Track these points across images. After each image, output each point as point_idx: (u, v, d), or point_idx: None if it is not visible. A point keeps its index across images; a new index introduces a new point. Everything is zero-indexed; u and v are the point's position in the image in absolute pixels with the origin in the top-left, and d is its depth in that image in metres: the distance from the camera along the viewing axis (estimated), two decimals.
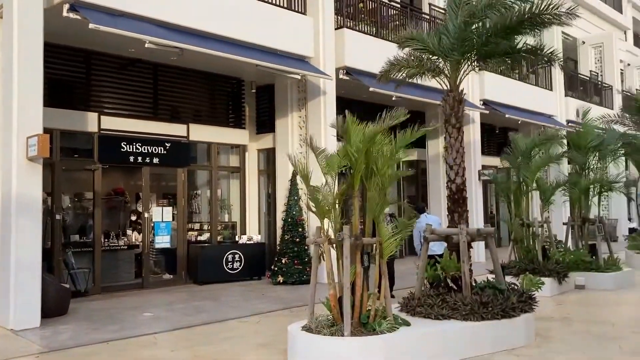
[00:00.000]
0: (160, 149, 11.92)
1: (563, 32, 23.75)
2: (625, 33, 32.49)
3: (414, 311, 6.89)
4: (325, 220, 6.38)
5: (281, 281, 11.81)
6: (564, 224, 13.09)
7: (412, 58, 8.50)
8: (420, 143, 18.84)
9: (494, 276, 7.72)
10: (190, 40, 10.33)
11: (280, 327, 7.18)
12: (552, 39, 22.08)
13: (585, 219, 12.49)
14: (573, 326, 7.91)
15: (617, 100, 26.01)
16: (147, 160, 11.72)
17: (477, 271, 10.64)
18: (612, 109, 24.43)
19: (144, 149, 11.68)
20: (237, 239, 13.15)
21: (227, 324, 8.38)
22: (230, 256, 12.38)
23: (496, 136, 20.89)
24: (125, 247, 12.02)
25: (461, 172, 7.56)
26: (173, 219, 12.52)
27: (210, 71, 13.20)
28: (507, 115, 17.80)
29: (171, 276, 12.39)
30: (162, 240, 12.16)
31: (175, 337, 7.56)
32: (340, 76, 13.28)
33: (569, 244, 12.62)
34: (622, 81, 29.37)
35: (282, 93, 13.40)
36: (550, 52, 8.18)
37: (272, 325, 8.15)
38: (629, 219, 26.00)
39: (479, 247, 15.87)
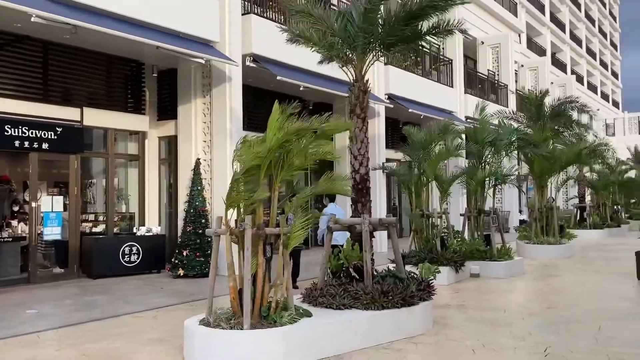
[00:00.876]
0: (51, 134, 11.06)
1: (456, 26, 24.69)
2: (519, 36, 34.51)
3: (316, 302, 6.81)
4: (230, 211, 6.13)
5: (182, 274, 11.39)
6: (461, 215, 13.62)
7: (322, 38, 8.38)
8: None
9: (395, 265, 7.81)
10: (85, 17, 9.63)
11: (178, 322, 6.85)
12: (453, 38, 22.97)
13: (480, 211, 13.05)
14: (468, 313, 8.19)
15: (512, 99, 27.57)
16: (36, 145, 10.83)
17: (379, 260, 10.87)
18: (507, 106, 25.85)
19: (32, 134, 10.79)
20: (135, 230, 12.52)
21: (121, 319, 7.91)
22: (127, 248, 11.76)
23: (400, 130, 21.41)
24: (10, 239, 11.09)
25: (365, 163, 7.57)
26: (65, 209, 11.69)
27: (107, 52, 12.44)
28: (410, 110, 18.28)
29: (62, 270, 11.58)
30: (52, 232, 11.33)
31: (62, 335, 7.01)
32: (247, 63, 12.99)
33: (466, 234, 13.15)
34: (516, 81, 31.19)
35: (186, 78, 12.90)
36: (447, 24, 8.31)
37: (169, 320, 7.79)
38: (520, 211, 27.71)
39: (381, 237, 16.19)
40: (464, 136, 14.92)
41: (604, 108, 54.12)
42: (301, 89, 14.00)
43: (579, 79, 46.62)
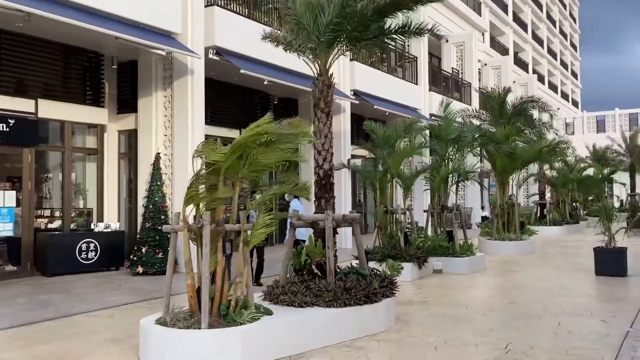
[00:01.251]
0: (2, 126, 10.61)
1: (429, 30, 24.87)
2: (483, 35, 34.97)
3: (277, 300, 6.68)
4: (189, 207, 5.93)
5: (141, 272, 11.09)
6: (424, 211, 13.66)
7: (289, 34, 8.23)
8: None
9: (358, 262, 7.73)
10: (39, 5, 9.25)
11: (135, 321, 6.60)
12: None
13: (444, 207, 13.11)
14: (431, 309, 8.19)
15: (475, 97, 27.90)
16: None
17: (344, 257, 10.78)
18: (470, 104, 26.13)
19: None
20: (92, 226, 12.13)
21: (75, 319, 7.63)
22: (84, 245, 11.39)
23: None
24: None
25: (329, 158, 7.47)
26: (18, 205, 11.24)
27: (64, 42, 12.02)
28: (375, 106, 18.27)
29: (15, 268, 11.13)
30: (4, 228, 10.88)
31: (11, 336, 6.70)
32: (210, 56, 12.73)
33: (429, 230, 13.20)
34: (479, 80, 31.59)
35: (146, 70, 12.57)
36: (418, 26, 8.28)
37: (126, 319, 7.54)
38: (482, 208, 28.10)
39: (346, 233, 16.16)
40: (428, 133, 14.98)
41: (564, 107, 55.43)
42: (265, 83, 13.82)
43: (540, 79, 47.59)
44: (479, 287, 10.48)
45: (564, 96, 59.28)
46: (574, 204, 28.41)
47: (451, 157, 13.19)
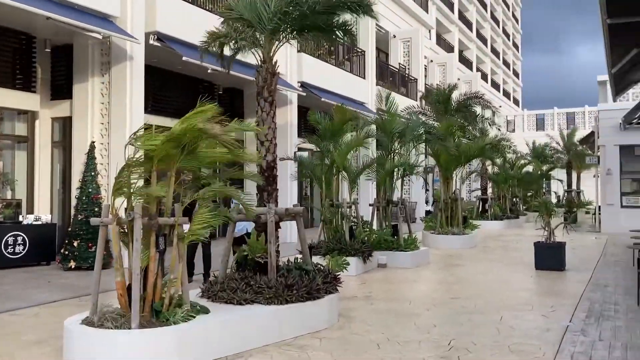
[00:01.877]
0: None
1: (377, 25, 24.94)
2: (429, 32, 35.37)
3: (215, 297, 6.38)
4: (120, 199, 5.55)
5: (73, 267, 10.52)
6: (370, 205, 13.59)
7: (233, 30, 7.89)
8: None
9: (302, 257, 7.51)
10: None
11: (62, 321, 6.14)
12: (367, 30, 23.05)
13: (389, 201, 13.07)
14: (374, 305, 8.07)
15: (421, 94, 28.16)
16: None
17: (289, 251, 10.57)
18: (416, 100, 26.36)
19: None
20: (21, 218, 11.42)
21: None
22: (10, 239, 10.69)
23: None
24: None
25: (272, 149, 7.20)
26: None
27: None
28: (323, 99, 18.06)
29: None
30: None
31: None
32: (151, 41, 12.19)
33: (374, 224, 13.13)
34: (425, 76, 31.94)
35: (82, 55, 11.90)
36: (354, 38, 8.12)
37: (53, 318, 7.04)
38: (426, 202, 28.45)
39: (291, 227, 15.94)
40: (374, 127, 14.91)
41: (505, 105, 56.95)
42: (209, 71, 13.36)
43: (484, 77, 48.69)
44: (423, 281, 10.47)
45: (506, 94, 60.94)
46: (514, 200, 29.20)
47: (397, 151, 13.14)
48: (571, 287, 9.52)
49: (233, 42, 7.85)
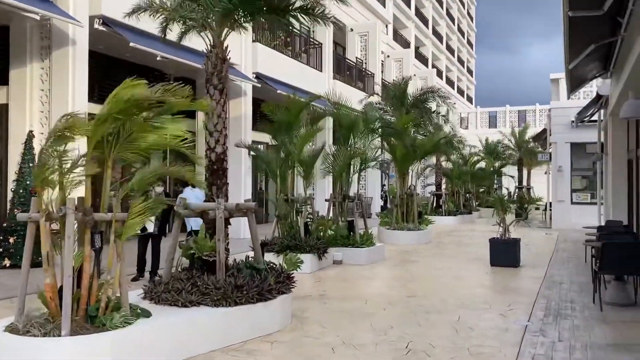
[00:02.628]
0: None
1: (334, 17, 24.59)
2: (387, 27, 35.33)
3: (159, 298, 5.92)
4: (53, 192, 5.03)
5: (8, 265, 9.79)
6: (326, 200, 13.28)
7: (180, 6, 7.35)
8: (190, 113, 17.77)
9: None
10: None
11: None
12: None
13: (345, 196, 12.78)
14: (329, 304, 7.75)
15: (378, 88, 28.04)
16: None
17: (241, 248, 10.15)
18: (373, 95, 26.18)
19: None
20: None
21: None
22: None
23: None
24: None
25: (222, 140, 6.75)
26: None
27: None
28: (278, 91, 17.61)
29: None
30: None
31: None
32: (96, 26, 11.50)
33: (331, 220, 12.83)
34: (382, 71, 31.86)
35: (20, 38, 11.12)
36: (322, 12, 7.72)
37: None
38: (382, 197, 28.42)
39: (245, 223, 15.52)
40: (331, 121, 14.62)
41: (459, 102, 57.73)
42: (158, 59, 12.75)
43: (439, 74, 49.14)
44: (379, 279, 10.24)
45: (460, 92, 61.78)
46: (467, 195, 29.49)
47: (353, 144, 12.86)
48: (527, 284, 9.45)
49: (181, 21, 7.32)
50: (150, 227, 9.13)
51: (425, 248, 14.90)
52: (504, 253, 11.47)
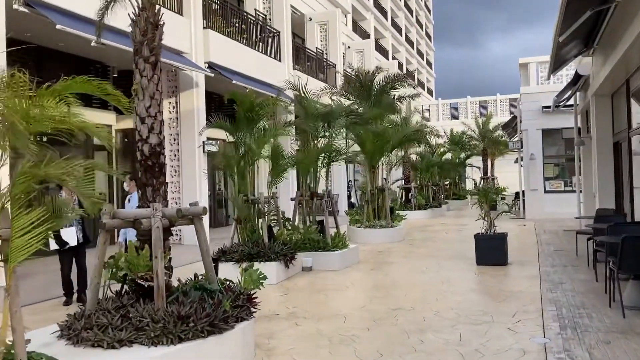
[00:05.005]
0: None
1: (292, 6, 23.24)
2: (346, 17, 34.11)
3: (78, 337, 4.47)
4: None
5: None
6: (292, 199, 11.89)
7: None
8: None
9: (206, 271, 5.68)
10: None
11: None
12: (281, 11, 21.28)
13: (313, 194, 11.43)
14: (301, 325, 6.39)
15: (340, 79, 26.77)
16: None
17: (196, 257, 8.64)
18: (335, 86, 24.90)
19: None
20: None
21: None
22: None
23: (226, 107, 19.21)
24: None
25: (158, 128, 5.29)
26: None
27: None
28: (234, 82, 16.11)
29: None
30: None
31: None
32: (15, 6, 9.85)
33: (297, 221, 11.48)
34: (343, 62, 30.61)
35: None
36: None
37: None
38: (349, 195, 27.17)
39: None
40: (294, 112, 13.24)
41: (419, 96, 57.08)
42: (93, 44, 11.10)
43: (400, 66, 48.24)
44: (356, 287, 8.91)
45: (420, 84, 61.10)
46: (434, 188, 28.52)
47: (321, 136, 11.53)
48: (524, 286, 8.28)
49: None
50: (71, 239, 7.59)
51: (400, 247, 13.69)
52: (491, 250, 10.33)
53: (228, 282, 5.59)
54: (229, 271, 8.83)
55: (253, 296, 5.38)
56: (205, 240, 5.37)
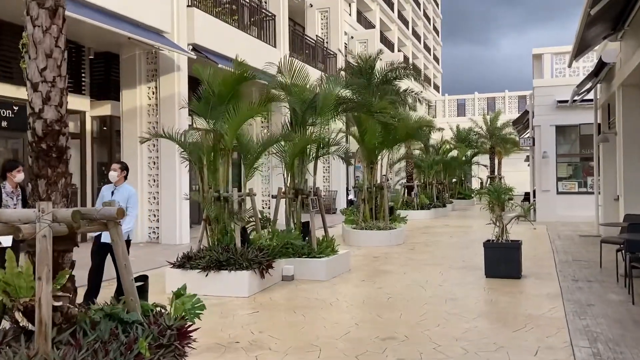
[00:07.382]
0: None
1: None
2: (350, 6, 32.63)
3: None
4: None
5: None
6: (273, 196, 10.44)
7: None
8: (114, 94, 14.73)
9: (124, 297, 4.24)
10: None
11: None
12: None
13: (298, 191, 9.98)
14: None
15: (341, 61, 25.30)
16: None
17: (154, 258, 7.21)
18: (336, 75, 23.44)
19: None
20: None
21: None
22: None
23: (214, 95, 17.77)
24: None
25: (58, 99, 3.85)
26: None
27: None
28: (220, 66, 14.66)
29: None
30: None
31: None
32: None
33: (278, 222, 10.06)
34: (345, 55, 29.13)
35: None
36: None
37: None
38: (347, 192, 25.75)
39: (182, 224, 12.76)
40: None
41: (426, 90, 55.51)
42: None
43: (405, 60, 46.66)
44: (341, 305, 7.43)
45: (427, 79, 59.49)
46: (439, 187, 27.04)
47: (309, 122, 10.07)
48: (545, 309, 6.83)
49: None
50: (5, 239, 6.21)
51: (399, 252, 12.26)
52: (502, 261, 8.89)
53: (158, 309, 4.17)
54: (194, 281, 7.51)
55: (187, 330, 3.95)
56: (125, 253, 3.95)
